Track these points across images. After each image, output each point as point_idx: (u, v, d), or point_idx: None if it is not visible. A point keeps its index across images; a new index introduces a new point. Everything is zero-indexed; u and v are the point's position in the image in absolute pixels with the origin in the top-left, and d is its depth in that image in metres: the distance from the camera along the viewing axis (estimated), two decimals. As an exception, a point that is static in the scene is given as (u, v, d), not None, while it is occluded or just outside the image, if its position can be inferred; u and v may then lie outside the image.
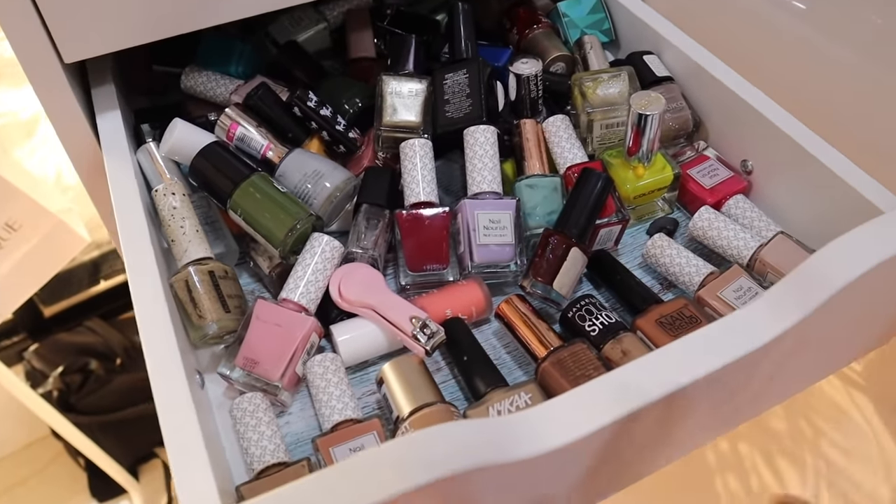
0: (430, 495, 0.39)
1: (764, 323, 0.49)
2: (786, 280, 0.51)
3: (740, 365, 0.48)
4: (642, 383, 0.46)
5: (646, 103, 0.67)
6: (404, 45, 0.77)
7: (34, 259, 1.30)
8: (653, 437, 0.54)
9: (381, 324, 0.63)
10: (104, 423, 1.80)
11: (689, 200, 0.75)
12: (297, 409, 0.63)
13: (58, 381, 1.81)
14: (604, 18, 0.85)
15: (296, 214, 0.64)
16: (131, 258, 0.59)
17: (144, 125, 0.78)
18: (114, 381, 1.84)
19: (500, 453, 0.42)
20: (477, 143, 0.69)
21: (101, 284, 2.00)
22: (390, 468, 0.38)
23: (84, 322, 1.94)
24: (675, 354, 0.47)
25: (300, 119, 0.73)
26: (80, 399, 1.81)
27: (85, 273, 1.98)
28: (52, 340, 1.90)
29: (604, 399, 0.45)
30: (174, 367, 0.52)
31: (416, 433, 0.40)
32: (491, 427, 0.43)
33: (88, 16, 0.63)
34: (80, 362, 1.86)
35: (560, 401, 0.46)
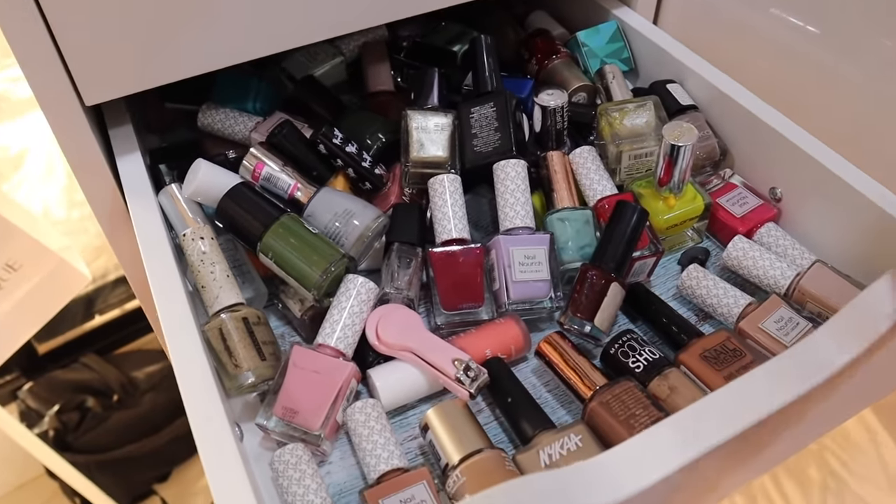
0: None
1: (829, 355, 0.48)
2: (843, 313, 0.50)
3: (807, 398, 0.48)
4: (712, 424, 0.45)
5: (678, 134, 0.67)
6: (427, 79, 0.76)
7: (35, 299, 1.27)
8: (707, 481, 0.53)
9: (421, 367, 0.61)
10: (102, 462, 1.77)
11: (719, 229, 0.74)
12: (337, 458, 0.61)
13: (54, 420, 1.77)
14: (623, 47, 0.84)
15: (329, 256, 0.63)
16: (165, 308, 0.57)
17: (162, 165, 0.76)
18: (111, 418, 1.80)
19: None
20: (508, 178, 0.68)
21: (95, 319, 1.97)
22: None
23: (79, 358, 1.91)
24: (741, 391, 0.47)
25: (325, 156, 0.72)
26: (78, 438, 1.77)
27: (79, 308, 1.95)
28: (47, 378, 1.87)
29: (673, 442, 0.44)
30: (219, 422, 0.50)
31: (493, 490, 0.39)
32: (565, 477, 0.42)
33: (110, 57, 0.62)
34: (76, 400, 1.82)
35: (630, 445, 0.44)
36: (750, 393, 0.47)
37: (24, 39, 0.59)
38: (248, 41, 0.67)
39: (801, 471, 1.62)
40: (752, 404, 0.46)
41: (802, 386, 0.47)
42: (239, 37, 0.66)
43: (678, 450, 0.44)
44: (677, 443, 0.44)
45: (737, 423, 0.45)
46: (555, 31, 0.90)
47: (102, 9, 0.59)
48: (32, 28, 0.58)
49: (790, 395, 0.47)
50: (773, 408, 0.46)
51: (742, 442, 0.47)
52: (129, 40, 0.62)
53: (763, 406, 0.46)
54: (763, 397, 0.46)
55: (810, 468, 1.62)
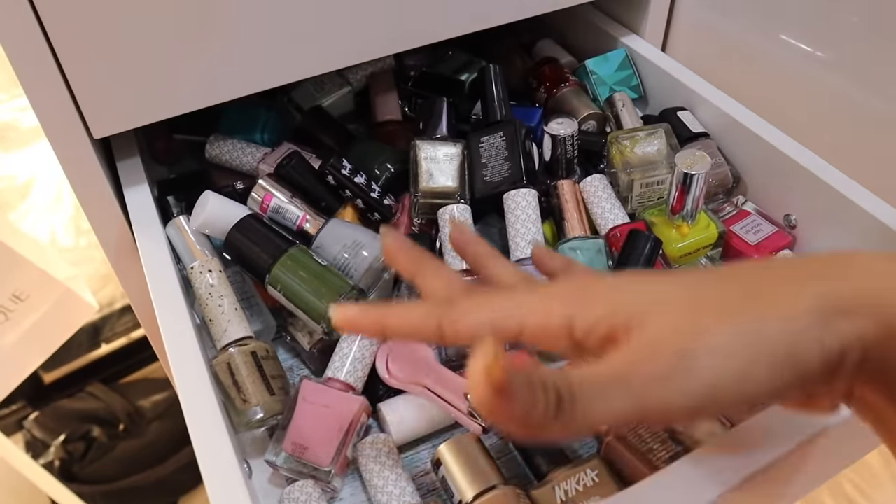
0: None
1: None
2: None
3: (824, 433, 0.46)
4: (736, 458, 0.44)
5: (691, 162, 0.66)
6: (435, 108, 0.75)
7: (42, 329, 1.27)
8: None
9: (433, 400, 0.60)
10: (108, 493, 1.75)
11: (734, 257, 0.73)
12: (347, 495, 0.60)
13: (60, 450, 1.76)
14: (632, 74, 0.84)
15: (339, 288, 0.62)
16: (173, 341, 0.56)
17: (170, 197, 0.76)
18: (117, 447, 1.79)
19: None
20: (518, 207, 0.68)
21: (101, 348, 1.96)
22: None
23: (85, 387, 1.90)
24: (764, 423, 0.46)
25: (333, 187, 0.72)
26: (83, 468, 1.76)
27: (85, 337, 1.94)
28: (53, 408, 1.86)
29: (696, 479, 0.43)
30: (227, 458, 0.49)
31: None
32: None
33: (119, 90, 0.62)
34: (82, 430, 1.81)
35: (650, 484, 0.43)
36: (775, 423, 0.46)
37: (33, 72, 0.59)
38: (256, 73, 0.67)
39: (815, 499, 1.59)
40: (778, 435, 0.45)
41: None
42: (247, 68, 0.66)
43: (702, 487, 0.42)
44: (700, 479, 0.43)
45: (761, 457, 0.44)
46: (563, 59, 0.89)
47: (111, 43, 0.59)
48: (41, 60, 0.58)
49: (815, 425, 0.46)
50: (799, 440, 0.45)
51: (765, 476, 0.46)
52: (137, 74, 0.62)
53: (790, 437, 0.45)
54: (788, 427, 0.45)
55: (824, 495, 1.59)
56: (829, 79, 0.82)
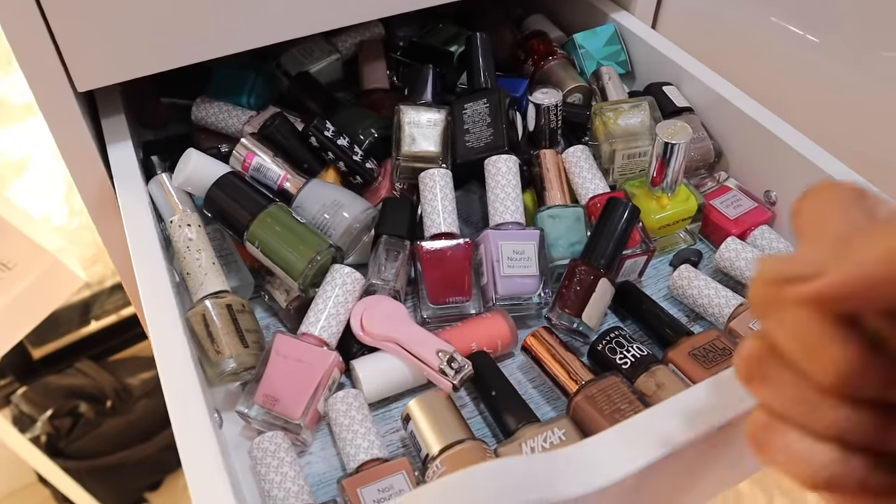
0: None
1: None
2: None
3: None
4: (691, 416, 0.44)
5: (672, 132, 0.66)
6: (421, 76, 0.76)
7: (28, 298, 1.27)
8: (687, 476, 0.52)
9: (405, 358, 0.60)
10: (94, 468, 1.75)
11: (713, 231, 0.73)
12: (317, 449, 0.60)
13: (47, 425, 1.76)
14: (620, 50, 0.84)
15: (316, 246, 0.62)
16: (148, 291, 0.56)
17: (154, 157, 0.76)
18: (104, 424, 1.79)
19: (549, 491, 0.40)
20: (499, 173, 0.68)
21: (91, 325, 1.96)
22: None
23: (74, 364, 1.90)
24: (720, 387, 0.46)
25: (316, 149, 0.72)
26: (70, 444, 1.76)
27: (75, 313, 1.94)
28: (41, 383, 1.86)
29: (655, 432, 0.43)
30: (196, 405, 0.49)
31: (459, 473, 0.38)
32: (540, 463, 0.41)
33: (103, 43, 0.62)
34: (69, 405, 1.81)
35: (608, 435, 0.44)
36: (729, 389, 0.46)
37: (17, 24, 0.59)
38: (242, 31, 0.67)
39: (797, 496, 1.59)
40: (730, 401, 0.45)
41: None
42: (234, 26, 0.66)
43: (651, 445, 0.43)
44: (651, 438, 0.43)
45: (712, 419, 0.44)
46: (552, 33, 0.90)
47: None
48: (25, 12, 0.58)
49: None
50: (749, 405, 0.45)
51: (719, 438, 0.46)
52: (122, 28, 0.62)
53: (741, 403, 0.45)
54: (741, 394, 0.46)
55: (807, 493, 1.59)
56: (817, 60, 0.82)
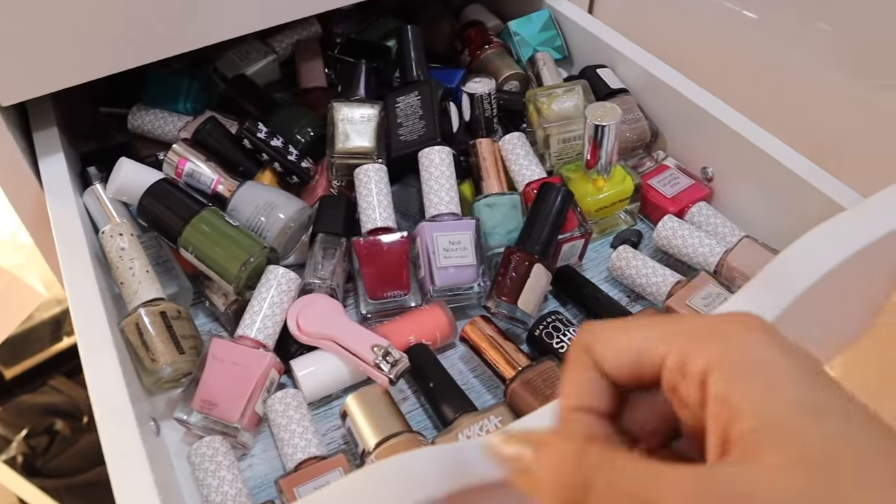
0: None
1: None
2: (754, 281, 0.49)
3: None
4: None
5: (602, 114, 0.66)
6: (354, 72, 0.75)
7: (-12, 317, 1.25)
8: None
9: (342, 355, 0.60)
10: (73, 486, 1.74)
11: (651, 211, 0.74)
12: (259, 451, 0.60)
13: (22, 445, 1.75)
14: (555, 35, 0.84)
15: (249, 248, 0.62)
16: (76, 301, 0.56)
17: (91, 168, 0.75)
18: (81, 440, 1.78)
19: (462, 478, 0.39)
20: (432, 165, 0.68)
21: (63, 341, 1.94)
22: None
23: (48, 381, 1.89)
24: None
25: (251, 152, 0.72)
26: (47, 462, 1.74)
27: (46, 331, 1.92)
28: (15, 403, 1.84)
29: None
30: (123, 412, 0.49)
31: (370, 467, 0.37)
32: (453, 452, 0.41)
33: (23, 57, 0.61)
34: (44, 424, 1.79)
35: (528, 420, 0.44)
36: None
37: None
38: (171, 36, 0.66)
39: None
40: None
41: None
42: (162, 32, 0.65)
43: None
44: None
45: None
46: (490, 22, 0.89)
47: (13, 8, 0.59)
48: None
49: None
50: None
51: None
52: (42, 40, 0.61)
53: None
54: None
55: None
56: (757, 37, 0.82)
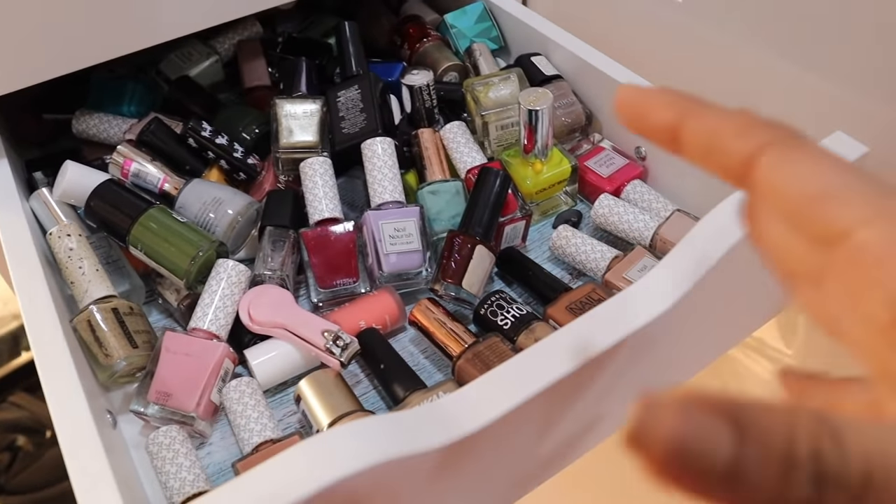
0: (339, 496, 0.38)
1: (664, 289, 0.50)
2: (679, 247, 0.52)
3: (644, 334, 0.50)
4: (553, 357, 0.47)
5: (534, 99, 0.69)
6: (296, 69, 0.77)
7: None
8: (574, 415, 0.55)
9: (294, 342, 0.62)
10: (38, 501, 1.73)
11: (590, 191, 0.77)
12: (217, 439, 0.61)
13: (-15, 463, 1.73)
14: (491, 26, 0.87)
15: (197, 243, 0.64)
16: (25, 302, 0.57)
17: (37, 173, 0.76)
18: (45, 455, 1.76)
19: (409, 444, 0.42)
20: (375, 156, 0.70)
21: (22, 356, 1.92)
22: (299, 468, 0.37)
23: (7, 398, 1.87)
24: (584, 328, 0.48)
25: (197, 150, 0.73)
26: (10, 479, 1.73)
27: (5, 346, 1.91)
28: (-24, 421, 1.82)
29: (515, 379, 0.46)
30: (78, 406, 0.50)
31: (318, 435, 0.39)
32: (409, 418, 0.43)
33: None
34: (6, 440, 1.78)
35: (471, 387, 0.46)
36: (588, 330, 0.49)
37: None
38: (111, 39, 0.67)
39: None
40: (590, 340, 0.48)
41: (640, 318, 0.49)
42: (102, 35, 0.66)
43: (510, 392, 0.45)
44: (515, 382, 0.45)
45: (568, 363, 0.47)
46: (428, 17, 0.92)
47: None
48: None
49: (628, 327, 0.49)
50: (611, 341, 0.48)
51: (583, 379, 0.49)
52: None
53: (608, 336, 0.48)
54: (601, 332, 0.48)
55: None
56: (680, 20, 0.86)
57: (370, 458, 0.38)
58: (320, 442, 0.38)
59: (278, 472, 0.37)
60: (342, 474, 0.36)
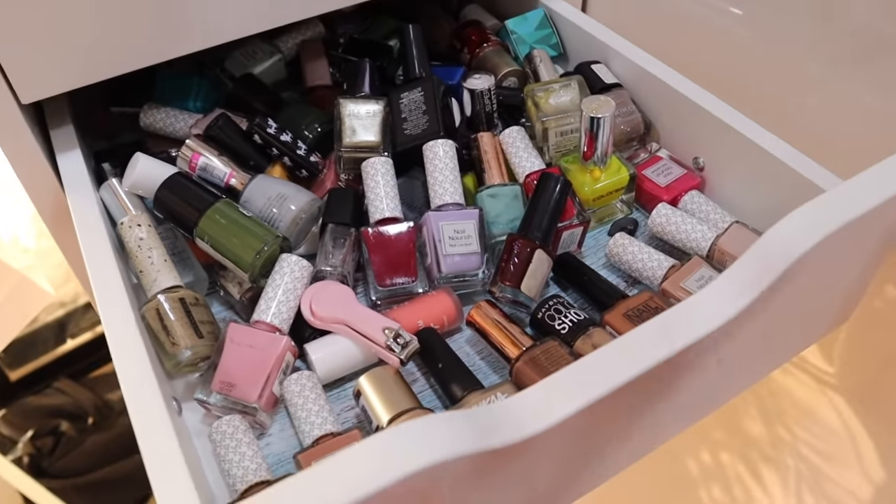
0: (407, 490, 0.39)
1: (725, 301, 0.50)
2: (743, 259, 0.52)
3: (704, 345, 0.50)
4: (611, 366, 0.47)
5: (596, 107, 0.69)
6: (359, 70, 0.78)
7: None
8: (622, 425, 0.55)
9: (354, 338, 0.63)
10: (79, 486, 1.76)
11: (647, 200, 0.77)
12: (276, 430, 0.63)
13: (28, 446, 1.77)
14: (551, 33, 0.87)
15: (263, 237, 0.65)
16: (100, 290, 0.59)
17: (105, 164, 0.78)
18: (86, 441, 1.80)
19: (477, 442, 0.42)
20: (437, 157, 0.71)
21: (67, 343, 1.96)
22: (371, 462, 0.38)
23: (52, 383, 1.91)
24: (643, 337, 0.49)
25: (261, 147, 0.75)
26: (53, 463, 1.77)
27: (51, 333, 1.95)
28: (20, 405, 1.86)
29: (575, 384, 0.46)
30: (151, 392, 0.52)
31: (390, 428, 0.40)
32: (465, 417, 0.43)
33: (44, 56, 0.64)
34: (50, 425, 1.82)
35: (533, 390, 0.46)
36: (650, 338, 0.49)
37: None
38: (183, 36, 0.69)
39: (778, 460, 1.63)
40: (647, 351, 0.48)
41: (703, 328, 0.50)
42: (175, 32, 0.68)
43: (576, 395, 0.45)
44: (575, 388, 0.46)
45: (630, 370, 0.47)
46: (487, 22, 0.93)
47: (34, 7, 0.61)
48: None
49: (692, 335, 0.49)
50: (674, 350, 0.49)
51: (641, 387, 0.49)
52: (62, 40, 0.64)
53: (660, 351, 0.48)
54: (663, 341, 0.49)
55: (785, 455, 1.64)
56: (740, 32, 0.86)
57: (445, 452, 0.39)
58: (396, 434, 0.39)
59: (357, 462, 0.38)
60: (417, 467, 0.37)
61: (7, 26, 0.61)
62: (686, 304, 0.51)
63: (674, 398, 0.57)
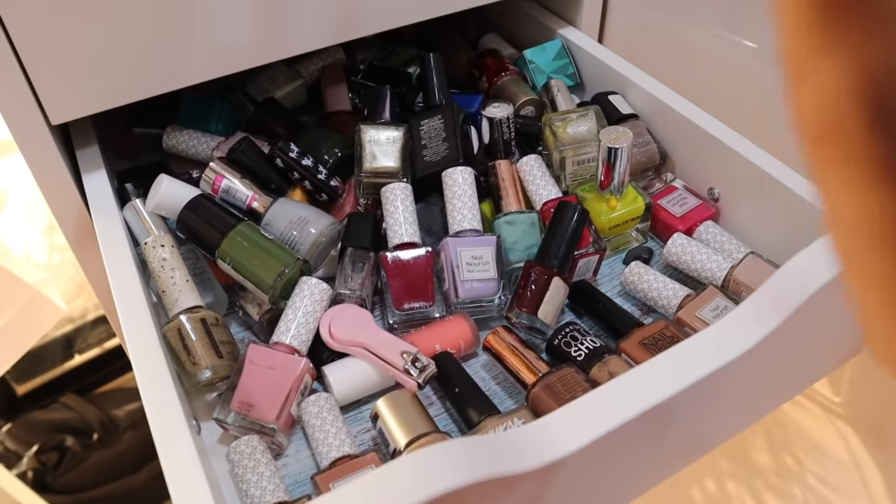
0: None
1: (743, 333, 0.51)
2: (760, 290, 0.53)
3: (724, 373, 0.51)
4: (632, 394, 0.48)
5: (615, 137, 0.70)
6: (380, 96, 0.80)
7: (10, 332, 1.29)
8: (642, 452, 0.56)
9: (372, 361, 0.64)
10: (83, 501, 1.76)
11: (662, 230, 0.78)
12: (293, 452, 0.63)
13: (33, 461, 1.77)
14: (568, 63, 0.89)
15: (284, 260, 0.66)
16: (125, 309, 0.60)
17: (128, 184, 0.79)
18: (91, 457, 1.80)
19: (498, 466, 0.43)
20: (455, 184, 0.72)
21: (75, 359, 1.97)
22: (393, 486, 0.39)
23: (59, 398, 1.91)
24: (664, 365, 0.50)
25: (282, 170, 0.76)
26: (58, 478, 1.77)
27: (58, 348, 1.96)
28: (26, 419, 1.87)
29: (597, 411, 0.47)
30: (174, 410, 0.53)
31: (419, 451, 0.41)
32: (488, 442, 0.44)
33: (75, 78, 0.66)
34: (55, 440, 1.82)
35: (555, 416, 0.47)
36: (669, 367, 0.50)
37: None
38: (208, 62, 0.71)
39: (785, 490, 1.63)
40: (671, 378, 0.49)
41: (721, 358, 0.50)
42: (200, 58, 0.70)
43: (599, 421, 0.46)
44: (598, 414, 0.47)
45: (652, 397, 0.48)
46: (505, 51, 0.94)
47: (65, 31, 0.63)
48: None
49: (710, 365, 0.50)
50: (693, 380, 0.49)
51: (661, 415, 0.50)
52: (91, 63, 0.65)
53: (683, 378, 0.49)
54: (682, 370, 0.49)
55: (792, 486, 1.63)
56: (754, 64, 0.87)
57: (470, 475, 0.39)
58: (423, 458, 0.39)
59: (381, 485, 0.39)
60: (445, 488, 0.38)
61: (39, 49, 0.63)
62: (703, 334, 0.52)
63: (687, 429, 0.58)
